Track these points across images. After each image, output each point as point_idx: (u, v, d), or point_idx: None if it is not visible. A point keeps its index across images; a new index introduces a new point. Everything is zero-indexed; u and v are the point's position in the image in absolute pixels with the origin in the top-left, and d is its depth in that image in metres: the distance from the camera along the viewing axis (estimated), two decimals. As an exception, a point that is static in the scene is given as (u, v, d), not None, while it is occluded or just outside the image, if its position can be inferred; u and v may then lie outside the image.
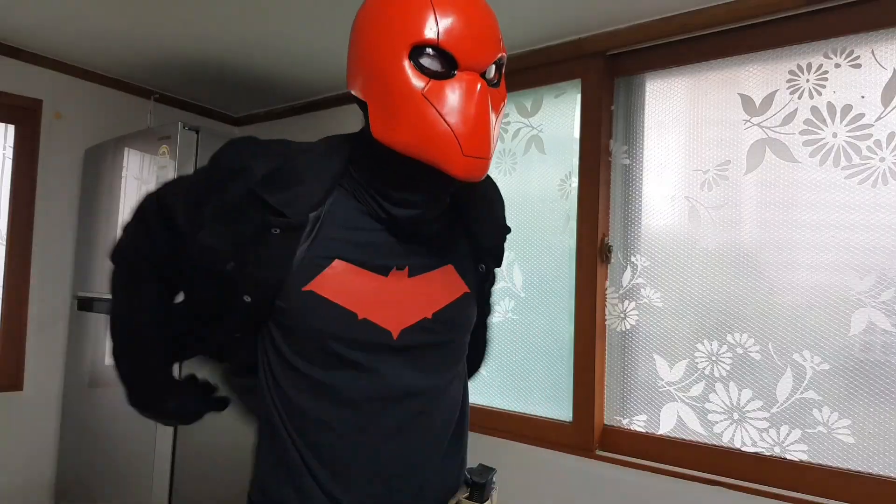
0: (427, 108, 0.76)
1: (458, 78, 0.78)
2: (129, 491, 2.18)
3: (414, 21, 0.77)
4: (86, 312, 2.50)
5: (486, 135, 0.78)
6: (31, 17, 2.16)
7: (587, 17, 1.88)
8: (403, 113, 0.77)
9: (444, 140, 0.77)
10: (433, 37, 0.76)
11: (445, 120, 0.76)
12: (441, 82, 0.77)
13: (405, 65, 0.77)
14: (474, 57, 0.78)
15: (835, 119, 1.61)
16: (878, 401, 1.51)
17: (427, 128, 0.77)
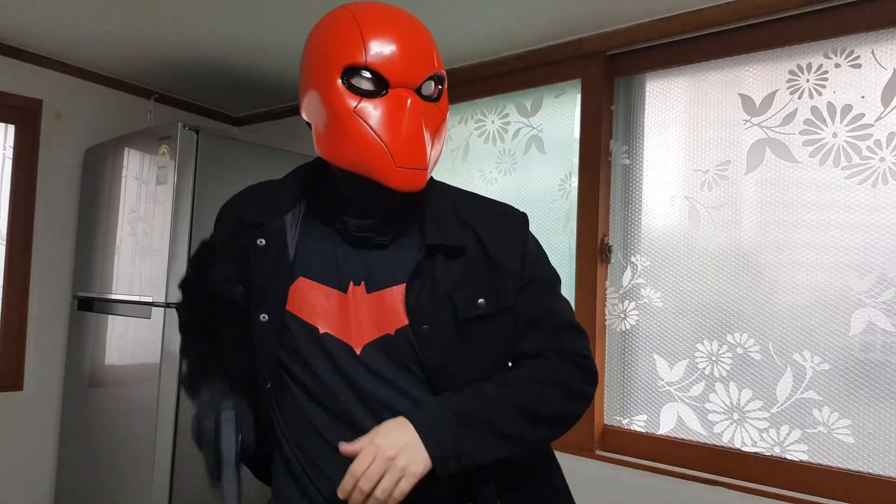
0: (359, 124, 0.81)
1: (388, 96, 0.83)
2: (130, 491, 2.18)
3: (345, 45, 0.83)
4: (86, 312, 2.50)
5: (419, 146, 0.82)
6: (31, 17, 2.16)
7: (587, 17, 1.88)
8: (338, 130, 0.83)
9: (376, 153, 0.81)
10: (361, 59, 0.82)
11: (377, 134, 0.81)
12: (373, 100, 0.82)
13: (338, 85, 0.82)
14: (403, 74, 0.83)
15: (835, 119, 1.61)
16: (879, 401, 1.51)
17: (359, 142, 0.81)
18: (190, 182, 2.19)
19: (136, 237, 2.29)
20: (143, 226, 2.26)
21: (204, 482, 2.35)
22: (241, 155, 2.37)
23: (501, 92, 2.24)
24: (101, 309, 2.41)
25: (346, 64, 0.82)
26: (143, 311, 2.20)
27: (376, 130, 0.81)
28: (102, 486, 2.30)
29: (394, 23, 0.85)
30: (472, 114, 2.35)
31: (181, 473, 2.14)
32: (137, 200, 2.31)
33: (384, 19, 0.85)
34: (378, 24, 0.84)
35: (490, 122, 2.30)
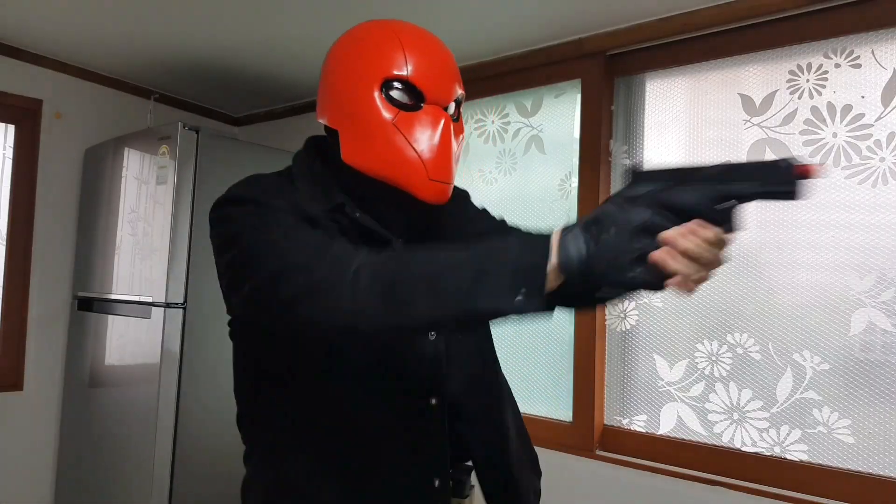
0: (397, 136, 0.84)
1: (424, 111, 0.86)
2: (129, 491, 2.18)
3: (385, 58, 0.86)
4: (86, 312, 2.50)
5: (448, 162, 0.87)
6: (31, 17, 2.16)
7: (587, 17, 1.88)
8: (375, 140, 0.85)
9: (411, 165, 0.84)
10: (403, 72, 0.85)
11: (413, 147, 0.84)
12: (409, 114, 0.85)
13: (376, 96, 0.85)
14: (439, 92, 0.87)
15: (835, 119, 1.61)
16: (878, 401, 1.51)
17: (396, 154, 0.84)
18: (190, 182, 2.19)
19: (136, 237, 2.29)
20: (143, 226, 2.26)
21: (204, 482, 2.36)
22: (241, 155, 2.37)
23: (501, 92, 2.24)
24: (101, 309, 2.41)
25: (387, 76, 0.85)
26: (143, 311, 2.20)
27: (413, 144, 0.84)
28: (102, 486, 2.30)
29: (431, 43, 0.89)
30: (472, 114, 2.35)
31: (181, 473, 2.14)
32: (137, 200, 2.31)
33: (423, 38, 0.90)
34: (418, 41, 0.88)
35: (490, 122, 2.30)
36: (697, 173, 0.65)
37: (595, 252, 0.64)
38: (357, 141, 0.86)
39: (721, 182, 0.64)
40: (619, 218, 0.64)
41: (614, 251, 0.63)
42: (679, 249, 0.63)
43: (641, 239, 0.63)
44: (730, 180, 0.63)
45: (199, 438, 2.20)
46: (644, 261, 0.63)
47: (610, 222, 0.64)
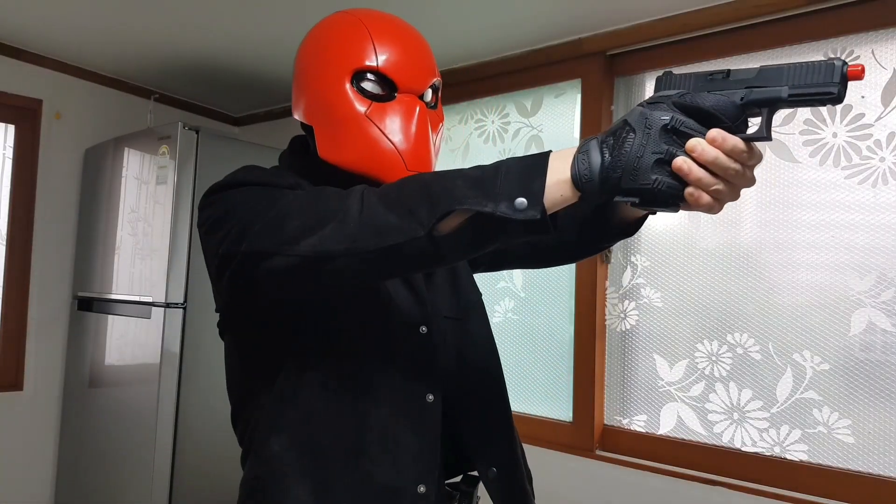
0: (371, 128, 0.83)
1: (398, 101, 0.85)
2: (129, 491, 2.18)
3: (354, 49, 0.84)
4: (86, 312, 2.50)
5: (426, 151, 0.85)
6: (31, 17, 2.16)
7: (587, 16, 1.88)
8: (349, 134, 0.84)
9: (388, 157, 0.83)
10: (373, 63, 0.84)
11: (389, 138, 0.83)
12: (382, 104, 0.84)
13: (347, 89, 0.84)
14: (412, 81, 0.86)
15: (835, 119, 1.61)
16: (879, 401, 1.51)
17: (372, 146, 0.83)
18: (190, 182, 2.19)
19: (136, 237, 2.29)
20: (143, 226, 2.26)
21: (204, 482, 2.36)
22: (241, 155, 2.37)
23: (501, 92, 2.24)
24: (101, 309, 2.41)
25: (356, 67, 0.84)
26: (143, 311, 2.20)
27: (388, 135, 0.83)
28: (102, 486, 2.30)
29: (400, 30, 0.87)
30: (472, 114, 2.35)
31: (181, 473, 2.14)
32: (137, 200, 2.31)
33: (392, 25, 0.87)
34: (387, 30, 0.86)
35: (490, 122, 2.30)
36: (732, 76, 0.60)
37: (611, 160, 0.60)
38: (332, 136, 0.85)
39: (754, 85, 0.59)
40: (638, 121, 0.60)
41: (633, 155, 0.59)
42: (703, 160, 0.59)
43: (662, 143, 0.58)
44: (764, 84, 0.59)
45: (199, 438, 2.20)
46: (664, 168, 0.59)
47: (629, 127, 0.60)
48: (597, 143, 0.62)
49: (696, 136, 0.59)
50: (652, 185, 0.59)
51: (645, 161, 0.58)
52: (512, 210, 0.60)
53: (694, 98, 0.60)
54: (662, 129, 0.58)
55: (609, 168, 0.60)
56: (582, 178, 0.61)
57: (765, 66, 0.60)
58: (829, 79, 0.56)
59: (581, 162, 0.62)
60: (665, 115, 0.59)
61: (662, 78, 0.65)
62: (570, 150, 0.64)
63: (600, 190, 0.61)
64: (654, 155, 0.58)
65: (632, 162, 0.59)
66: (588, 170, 0.61)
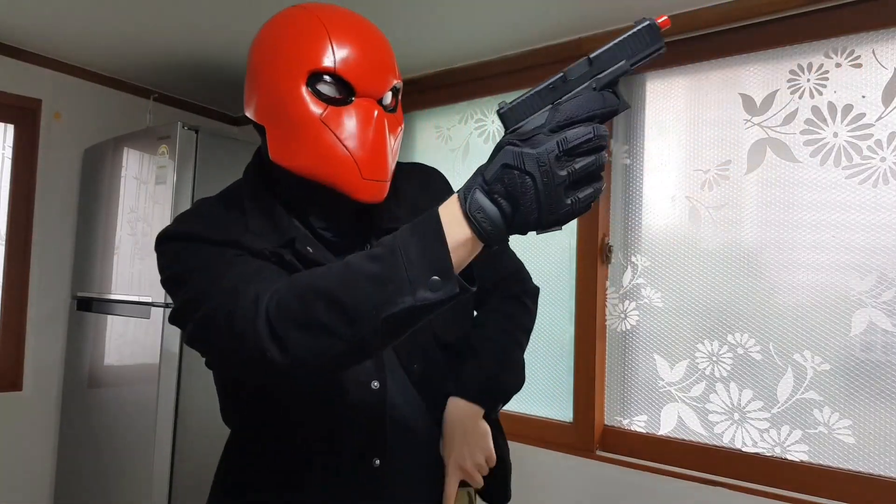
0: (326, 134, 0.78)
1: (355, 104, 0.80)
2: (129, 491, 2.17)
3: (311, 49, 0.79)
4: (85, 312, 2.49)
5: (383, 159, 0.81)
6: (30, 17, 2.16)
7: (587, 17, 1.88)
8: (302, 138, 0.79)
9: (343, 164, 0.79)
10: (330, 65, 0.78)
11: (344, 145, 0.78)
12: (339, 108, 0.79)
13: (303, 91, 0.79)
14: (370, 84, 0.81)
15: (835, 119, 1.60)
16: (879, 401, 1.51)
17: (326, 152, 0.79)
18: (189, 182, 2.18)
19: (135, 237, 2.28)
20: (143, 226, 2.26)
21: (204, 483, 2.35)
22: (241, 154, 2.37)
23: (501, 91, 2.24)
24: (101, 309, 2.41)
25: (312, 68, 0.78)
26: (142, 311, 2.20)
27: (344, 141, 0.78)
28: (102, 486, 2.30)
29: (360, 29, 0.82)
30: (471, 113, 2.35)
31: (181, 473, 2.14)
32: (137, 200, 2.30)
33: (351, 25, 0.82)
34: (346, 29, 0.81)
35: (490, 121, 2.30)
36: (568, 79, 0.64)
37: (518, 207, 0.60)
38: (284, 139, 0.81)
39: (597, 74, 0.63)
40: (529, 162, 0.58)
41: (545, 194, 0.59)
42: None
43: (561, 171, 0.58)
44: (603, 69, 0.63)
45: (198, 438, 2.19)
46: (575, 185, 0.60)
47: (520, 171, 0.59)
48: (482, 193, 0.61)
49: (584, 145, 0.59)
50: (571, 209, 0.60)
51: (557, 193, 0.59)
52: (430, 293, 0.60)
53: (565, 115, 0.61)
54: (556, 160, 0.59)
55: (522, 214, 0.60)
56: (489, 233, 0.61)
57: (593, 55, 0.64)
58: (653, 39, 0.63)
59: (481, 220, 0.60)
60: (551, 146, 0.59)
61: (506, 113, 0.64)
62: (454, 208, 0.62)
63: (508, 235, 0.62)
64: (560, 186, 0.59)
65: (546, 200, 0.59)
66: (491, 223, 0.61)
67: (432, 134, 2.46)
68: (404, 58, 2.12)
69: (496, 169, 0.60)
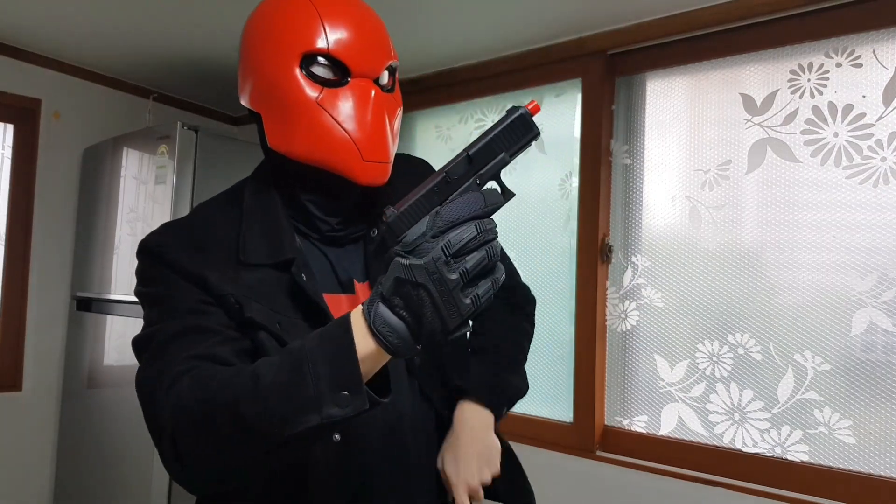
0: (323, 116, 0.77)
1: (350, 85, 0.78)
2: (128, 491, 2.17)
3: (303, 31, 0.78)
4: (84, 313, 2.49)
5: (384, 139, 0.79)
6: (30, 16, 2.16)
7: (588, 16, 1.87)
8: (299, 122, 0.78)
9: (343, 147, 0.77)
10: (323, 45, 0.77)
11: (343, 127, 0.77)
12: (334, 90, 0.78)
13: (297, 74, 0.77)
14: (366, 64, 0.79)
15: (836, 119, 1.60)
16: (880, 401, 1.51)
17: (325, 135, 0.77)
18: (189, 182, 2.18)
19: (135, 237, 2.28)
20: (142, 226, 2.25)
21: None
22: (240, 154, 2.36)
23: (501, 91, 2.24)
24: (100, 309, 2.41)
25: (304, 51, 0.77)
26: (141, 311, 2.19)
27: (342, 123, 0.77)
28: (101, 486, 2.29)
29: (352, 8, 0.81)
30: (471, 113, 2.35)
31: (180, 474, 2.14)
32: (136, 200, 2.30)
33: (342, 4, 0.80)
34: (338, 9, 0.79)
35: (490, 121, 2.30)
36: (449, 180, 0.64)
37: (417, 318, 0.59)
38: (281, 124, 0.79)
39: (479, 170, 0.64)
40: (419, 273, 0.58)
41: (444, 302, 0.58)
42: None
43: (452, 274, 0.58)
44: (484, 164, 0.64)
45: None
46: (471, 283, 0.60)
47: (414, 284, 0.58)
48: (385, 307, 0.60)
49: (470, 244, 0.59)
50: (472, 308, 0.60)
51: (454, 297, 0.59)
52: (338, 409, 0.59)
53: (445, 220, 0.60)
54: (445, 265, 0.58)
55: (426, 325, 0.59)
56: (396, 347, 0.60)
57: (469, 152, 0.64)
58: (527, 129, 0.64)
59: (387, 335, 0.60)
60: (437, 253, 0.59)
61: (393, 222, 0.63)
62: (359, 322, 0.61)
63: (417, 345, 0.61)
64: (455, 289, 0.59)
65: (446, 307, 0.59)
66: (397, 336, 0.60)
67: (432, 134, 2.46)
68: (404, 58, 2.12)
69: (390, 283, 0.60)
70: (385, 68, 0.82)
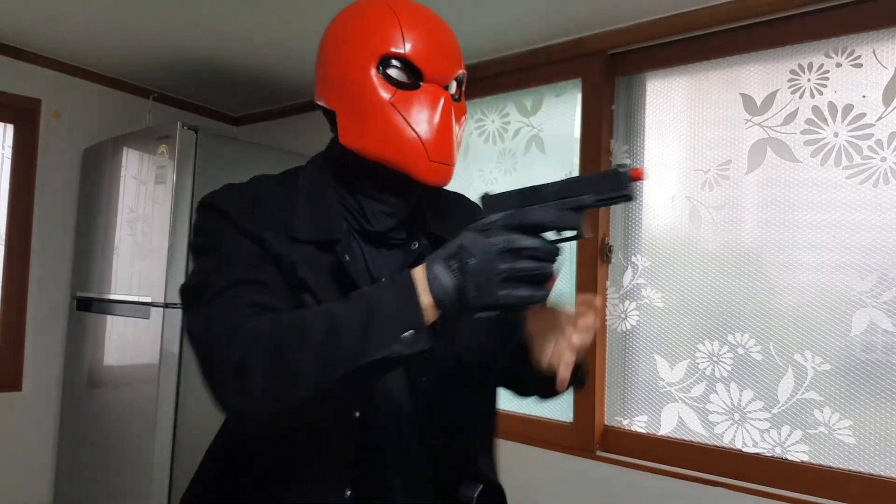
0: (395, 116, 0.81)
1: (423, 90, 0.83)
2: (128, 491, 2.17)
3: (382, 35, 0.83)
4: (85, 313, 2.49)
5: (450, 143, 0.84)
6: (30, 16, 2.16)
7: (588, 16, 1.87)
8: (372, 121, 0.82)
9: (411, 146, 0.81)
10: (400, 50, 0.82)
11: (413, 127, 0.81)
12: (408, 93, 0.82)
13: (373, 75, 0.82)
14: (438, 70, 0.85)
15: (836, 119, 1.60)
16: (880, 401, 1.51)
17: (395, 134, 0.81)
18: (189, 182, 2.18)
19: (135, 237, 2.28)
20: (142, 226, 2.25)
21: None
22: (241, 154, 2.36)
23: (501, 91, 2.24)
24: (100, 309, 2.41)
25: (383, 53, 0.82)
26: (142, 311, 2.20)
27: (412, 124, 0.81)
28: (102, 486, 2.30)
29: (429, 19, 0.87)
30: (472, 113, 2.34)
31: (181, 473, 2.14)
32: (136, 200, 2.30)
33: (421, 14, 0.87)
34: (416, 17, 0.86)
35: (490, 121, 2.30)
36: (542, 191, 0.72)
37: (462, 283, 0.67)
38: (354, 122, 0.83)
39: (564, 196, 0.71)
40: (478, 246, 0.67)
41: (480, 277, 0.66)
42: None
43: (501, 263, 0.66)
44: (571, 194, 0.71)
45: (198, 439, 2.19)
46: (510, 283, 0.67)
47: (470, 253, 0.67)
48: (442, 265, 0.68)
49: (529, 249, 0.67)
50: (503, 300, 0.66)
51: (492, 281, 0.66)
52: (404, 347, 0.66)
53: (523, 216, 0.70)
54: (498, 253, 0.66)
55: (462, 290, 0.67)
56: (442, 301, 0.68)
57: (567, 180, 0.72)
58: (620, 185, 0.69)
59: (437, 287, 0.68)
60: (497, 240, 0.67)
61: (486, 199, 0.76)
62: (420, 273, 0.69)
63: (460, 309, 0.68)
64: (497, 275, 0.66)
65: (480, 283, 0.66)
66: (444, 292, 0.67)
67: (432, 134, 2.45)
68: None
69: (454, 247, 0.69)
70: (455, 77, 0.87)
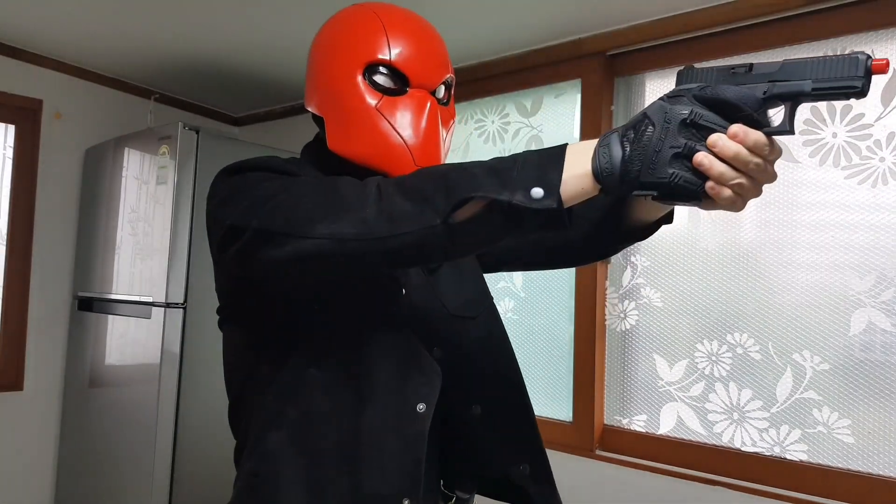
0: (381, 122, 0.83)
1: (409, 95, 0.85)
2: (129, 491, 2.18)
3: (368, 42, 0.84)
4: (86, 312, 2.50)
5: (436, 147, 0.85)
6: (31, 17, 2.16)
7: (587, 16, 1.88)
8: (359, 126, 0.84)
9: (397, 151, 0.83)
10: (386, 56, 0.84)
11: (398, 132, 0.83)
12: (393, 98, 0.84)
13: (359, 81, 0.84)
14: (424, 76, 0.86)
15: (835, 119, 1.61)
16: (878, 401, 1.51)
17: (381, 140, 0.83)
18: (190, 182, 2.19)
19: (136, 237, 2.29)
20: (144, 226, 2.26)
21: (204, 483, 2.36)
22: (242, 155, 2.35)
23: (501, 92, 2.24)
24: (102, 309, 2.41)
25: (368, 60, 0.83)
26: (143, 311, 2.20)
27: (398, 129, 0.83)
28: (102, 486, 2.30)
29: (415, 24, 0.88)
30: (472, 114, 2.35)
31: (181, 473, 2.15)
32: (137, 200, 2.31)
33: (407, 20, 0.88)
34: (402, 24, 0.86)
35: (490, 122, 2.30)
36: (754, 70, 0.60)
37: (630, 153, 0.59)
38: (342, 128, 0.85)
39: (777, 79, 0.59)
40: (657, 114, 0.59)
41: (651, 148, 0.58)
42: (724, 155, 0.58)
43: (681, 137, 0.58)
44: (787, 78, 0.58)
45: (199, 438, 2.20)
46: (683, 162, 0.58)
47: (650, 121, 0.59)
48: (617, 136, 0.61)
49: (716, 130, 0.58)
50: (669, 178, 0.58)
51: (663, 155, 0.58)
52: (528, 199, 0.60)
53: (715, 90, 0.59)
54: (681, 124, 0.58)
55: (628, 161, 0.60)
56: (603, 171, 0.60)
57: (788, 60, 0.59)
58: (852, 72, 0.56)
59: (602, 155, 0.61)
60: (684, 109, 0.58)
61: (684, 72, 0.64)
62: (590, 143, 0.63)
63: (620, 183, 0.60)
64: (672, 149, 0.58)
65: (650, 155, 0.58)
66: (609, 163, 0.60)
67: (432, 134, 2.46)
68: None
69: (638, 115, 0.61)
70: (442, 82, 0.88)
